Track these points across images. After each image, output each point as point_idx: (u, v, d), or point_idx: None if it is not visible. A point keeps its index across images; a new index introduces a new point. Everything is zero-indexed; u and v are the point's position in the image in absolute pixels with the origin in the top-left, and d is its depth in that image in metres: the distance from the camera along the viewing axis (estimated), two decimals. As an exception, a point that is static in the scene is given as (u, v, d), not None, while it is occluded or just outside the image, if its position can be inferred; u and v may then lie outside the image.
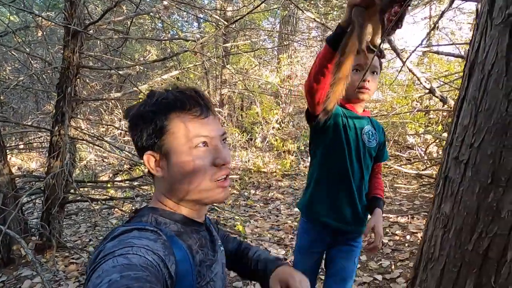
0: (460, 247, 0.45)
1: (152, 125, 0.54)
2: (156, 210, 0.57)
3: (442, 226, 0.49)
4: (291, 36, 6.49)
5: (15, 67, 5.35)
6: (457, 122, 0.50)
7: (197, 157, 0.54)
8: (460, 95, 0.50)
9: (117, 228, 0.51)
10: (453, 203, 0.47)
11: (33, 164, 5.93)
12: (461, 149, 0.47)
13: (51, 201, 2.60)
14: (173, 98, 0.55)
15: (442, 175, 0.53)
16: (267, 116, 5.53)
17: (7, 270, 2.64)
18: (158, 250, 0.46)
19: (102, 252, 0.45)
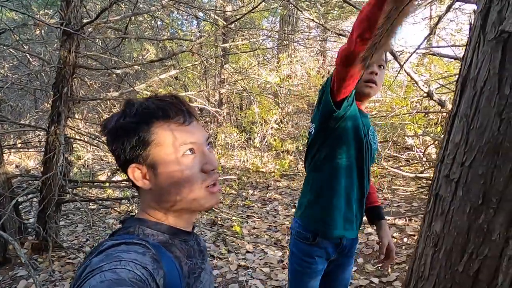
0: (450, 267, 0.44)
1: (136, 137, 0.52)
2: (144, 221, 0.56)
3: (433, 245, 0.48)
4: (290, 35, 6.47)
5: (13, 65, 5.33)
6: (448, 139, 0.48)
7: (186, 165, 0.53)
8: (452, 111, 0.49)
9: (104, 242, 0.50)
10: (443, 222, 0.46)
11: (31, 162, 5.91)
12: (452, 167, 0.46)
13: (47, 201, 2.59)
14: (155, 107, 0.54)
15: (433, 192, 0.51)
16: (266, 116, 5.51)
17: (3, 270, 2.63)
18: (146, 264, 0.45)
19: (89, 267, 0.44)
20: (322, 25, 2.62)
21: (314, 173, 1.12)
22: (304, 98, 6.80)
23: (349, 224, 1.09)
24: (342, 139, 1.03)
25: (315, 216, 1.10)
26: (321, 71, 7.55)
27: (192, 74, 5.30)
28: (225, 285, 2.28)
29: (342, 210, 1.08)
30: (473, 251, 0.42)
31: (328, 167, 1.07)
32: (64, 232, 3.43)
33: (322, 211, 1.09)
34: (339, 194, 1.06)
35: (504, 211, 0.41)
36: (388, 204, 3.49)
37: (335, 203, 1.07)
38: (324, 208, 1.08)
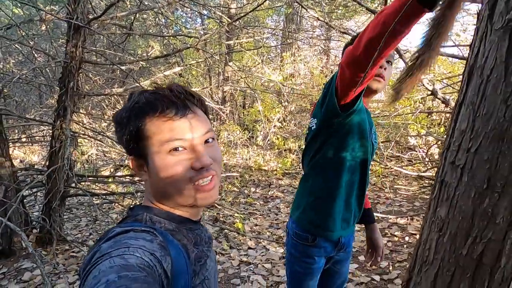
0: (454, 251, 0.46)
1: (128, 131, 0.52)
2: (151, 209, 0.56)
3: (438, 230, 0.49)
4: (294, 34, 6.46)
5: (18, 60, 5.37)
6: (454, 127, 0.49)
7: (172, 162, 0.51)
8: (459, 99, 0.50)
9: (113, 229, 0.50)
10: (448, 207, 0.47)
11: (35, 157, 5.96)
12: (458, 153, 0.47)
13: (52, 194, 2.62)
14: (144, 101, 0.52)
15: (438, 179, 0.53)
16: (268, 114, 5.52)
17: (8, 261, 2.67)
18: (154, 251, 0.46)
19: (98, 253, 0.44)
20: (327, 23, 2.63)
21: (315, 173, 1.07)
22: (307, 97, 6.80)
23: (346, 223, 1.09)
24: (347, 137, 0.99)
25: (314, 220, 1.07)
26: (324, 70, 7.55)
27: (196, 72, 5.32)
28: (227, 280, 2.30)
29: (341, 212, 1.06)
30: (477, 235, 0.43)
31: (330, 166, 1.03)
32: (68, 226, 3.46)
33: (321, 216, 1.06)
34: (340, 196, 1.03)
35: (509, 195, 0.42)
36: (390, 203, 3.49)
37: (335, 206, 1.05)
38: (324, 212, 1.06)
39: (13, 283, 2.37)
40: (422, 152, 4.40)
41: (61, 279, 2.40)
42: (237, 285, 2.23)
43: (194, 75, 5.51)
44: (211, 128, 0.56)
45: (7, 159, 2.68)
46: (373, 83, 0.99)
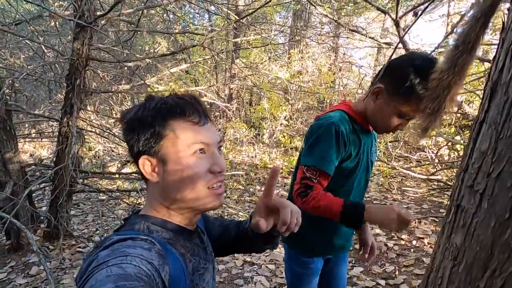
0: (470, 283, 0.42)
1: (150, 130, 0.53)
2: (148, 217, 0.56)
3: (452, 258, 0.46)
4: (303, 31, 6.38)
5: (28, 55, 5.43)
6: (473, 147, 0.45)
7: (194, 163, 0.54)
8: (479, 117, 0.46)
9: (110, 237, 0.50)
10: (465, 235, 0.44)
11: (44, 152, 6.06)
12: (477, 177, 0.43)
13: (59, 190, 2.65)
14: (173, 103, 0.55)
15: (454, 202, 0.49)
16: (275, 112, 5.48)
17: (16, 255, 2.71)
18: (152, 260, 0.46)
19: (95, 262, 0.44)
20: (335, 20, 2.57)
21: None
22: (314, 94, 6.72)
23: (342, 248, 1.15)
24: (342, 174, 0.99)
25: (312, 248, 1.10)
26: (332, 68, 7.44)
27: (203, 69, 5.30)
28: (230, 280, 2.30)
29: (341, 238, 1.10)
30: (497, 267, 0.39)
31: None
32: (75, 221, 3.51)
33: (320, 245, 1.10)
34: (336, 226, 1.02)
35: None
36: (398, 205, 3.43)
37: (334, 235, 1.08)
38: (322, 242, 1.09)
39: (21, 277, 2.41)
40: (431, 153, 4.31)
41: (67, 274, 2.43)
42: (240, 286, 2.22)
43: (200, 73, 5.49)
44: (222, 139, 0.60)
45: (15, 154, 2.71)
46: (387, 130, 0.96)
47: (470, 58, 0.47)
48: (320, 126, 0.94)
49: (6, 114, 2.55)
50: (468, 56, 0.46)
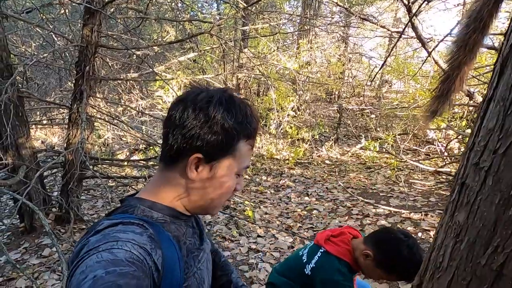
0: (472, 260, 0.42)
1: (223, 137, 0.53)
2: (144, 201, 0.55)
3: (454, 236, 0.46)
4: (312, 20, 6.26)
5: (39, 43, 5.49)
6: (481, 125, 0.45)
7: (232, 181, 0.57)
8: (488, 94, 0.45)
9: (101, 222, 0.49)
10: (468, 212, 0.44)
11: (56, 139, 6.19)
12: (483, 154, 0.43)
13: (70, 175, 2.71)
14: (253, 125, 0.56)
15: (458, 181, 0.48)
16: (282, 103, 5.44)
17: (30, 237, 2.81)
18: (144, 244, 0.45)
19: (86, 247, 0.44)
20: (346, 9, 2.51)
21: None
22: (322, 86, 6.64)
23: None
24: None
25: None
26: (342, 59, 7.32)
27: (211, 58, 5.28)
28: (235, 266, 2.34)
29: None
30: (499, 244, 0.39)
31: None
32: (86, 206, 3.60)
33: None
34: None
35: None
36: (404, 197, 3.41)
37: None
38: None
39: (34, 258, 2.50)
40: (440, 146, 4.25)
41: (78, 256, 2.52)
42: (245, 272, 2.26)
43: (208, 62, 5.47)
44: None
45: (27, 140, 2.77)
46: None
47: (482, 36, 0.45)
48: (335, 283, 1.06)
49: (19, 100, 2.60)
50: (480, 34, 0.45)
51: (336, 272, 1.06)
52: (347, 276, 1.06)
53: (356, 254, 1.11)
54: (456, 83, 0.50)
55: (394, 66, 5.62)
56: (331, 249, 1.12)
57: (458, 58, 0.48)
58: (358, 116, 6.96)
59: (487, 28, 0.45)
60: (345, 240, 1.15)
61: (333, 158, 5.22)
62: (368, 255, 1.05)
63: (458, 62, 0.48)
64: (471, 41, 0.45)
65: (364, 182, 4.01)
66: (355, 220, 2.99)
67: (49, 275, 2.28)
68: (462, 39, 0.47)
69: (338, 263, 1.09)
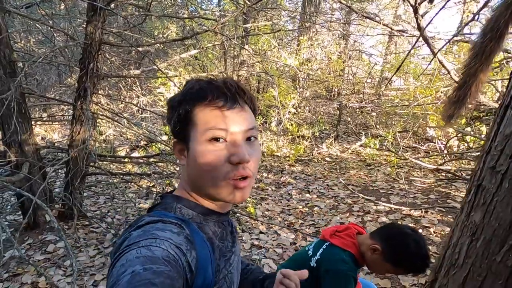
0: (487, 257, 0.45)
1: (177, 113, 0.54)
2: (181, 199, 0.57)
3: (470, 235, 0.48)
4: (313, 17, 6.25)
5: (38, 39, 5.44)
6: (497, 130, 0.47)
7: (209, 151, 0.51)
8: (504, 101, 0.47)
9: (143, 218, 0.51)
10: (484, 212, 0.46)
11: (56, 135, 6.18)
12: (500, 158, 0.45)
13: (73, 172, 2.72)
14: (198, 88, 0.53)
15: (475, 183, 0.51)
16: (283, 100, 5.46)
17: (33, 233, 2.83)
18: (181, 244, 0.46)
19: (127, 240, 0.46)
20: (349, 6, 2.52)
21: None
22: (323, 83, 6.65)
23: None
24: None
25: None
26: (342, 56, 7.33)
27: (212, 55, 5.27)
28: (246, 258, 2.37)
29: None
30: (514, 243, 0.42)
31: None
32: (87, 202, 3.62)
33: None
34: None
35: None
36: (404, 194, 3.46)
37: None
38: None
39: (38, 254, 2.52)
40: (440, 144, 4.29)
41: (82, 252, 2.54)
42: (248, 268, 2.30)
43: (210, 58, 5.46)
44: (256, 127, 0.56)
45: (30, 136, 2.78)
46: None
47: (497, 45, 0.47)
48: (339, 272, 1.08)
49: (21, 97, 2.60)
50: (495, 43, 0.47)
51: (340, 262, 1.09)
52: (351, 266, 1.09)
53: (362, 248, 1.13)
54: (472, 89, 0.52)
55: (395, 64, 5.63)
56: (336, 242, 1.15)
57: (474, 65, 0.50)
58: (358, 114, 6.99)
59: (503, 37, 0.47)
60: (350, 234, 1.18)
61: (333, 155, 5.25)
62: (376, 249, 1.07)
63: (474, 70, 0.50)
64: (488, 50, 0.47)
65: (364, 179, 4.05)
66: (356, 217, 3.03)
67: (55, 271, 2.30)
68: (479, 48, 0.49)
69: (343, 253, 1.11)
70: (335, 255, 1.11)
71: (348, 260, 1.09)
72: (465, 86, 0.53)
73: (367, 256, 1.11)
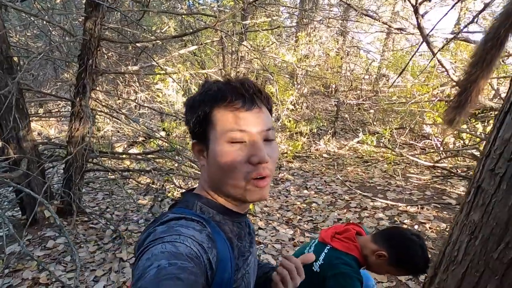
0: (485, 254, 0.47)
1: (196, 115, 0.55)
2: (201, 197, 0.58)
3: (469, 233, 0.51)
4: (311, 13, 6.24)
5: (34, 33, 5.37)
6: (497, 135, 0.49)
7: (229, 152, 0.52)
8: (504, 107, 0.49)
9: (166, 214, 0.52)
10: (483, 212, 0.49)
11: (52, 131, 6.13)
12: (499, 162, 0.47)
13: (72, 168, 2.72)
14: (216, 89, 0.54)
15: (474, 185, 0.53)
16: (282, 96, 5.47)
17: (32, 229, 2.83)
18: (203, 242, 0.47)
19: (152, 235, 0.47)
20: (348, 4, 2.53)
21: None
22: (321, 79, 6.66)
23: None
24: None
25: None
26: (340, 52, 7.33)
27: (210, 51, 5.25)
28: (238, 257, 2.40)
29: None
30: (510, 241, 0.44)
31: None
32: (86, 198, 3.62)
33: None
34: None
35: None
36: (401, 191, 3.51)
37: None
38: None
39: (38, 250, 2.53)
40: (436, 141, 4.34)
41: (82, 248, 2.55)
42: (247, 263, 2.33)
43: (208, 55, 5.44)
44: (273, 127, 0.57)
45: (29, 132, 2.77)
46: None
47: (498, 53, 0.49)
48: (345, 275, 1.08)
49: (19, 93, 2.58)
50: (496, 51, 0.48)
51: (345, 266, 1.10)
52: (356, 269, 1.10)
53: (365, 252, 1.15)
54: (473, 95, 0.54)
55: (393, 61, 5.66)
56: (338, 246, 1.16)
57: (475, 72, 0.51)
58: (355, 110, 7.02)
59: (503, 45, 0.49)
60: (350, 236, 1.19)
61: (330, 152, 5.29)
62: (382, 255, 1.09)
63: (475, 77, 0.52)
64: (489, 58, 0.49)
65: (361, 176, 4.10)
66: (353, 213, 3.07)
67: (55, 267, 2.31)
68: (480, 55, 0.50)
69: (346, 257, 1.13)
70: (339, 260, 1.12)
71: (353, 264, 1.11)
72: (466, 92, 0.55)
73: (370, 260, 1.14)
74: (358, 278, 1.07)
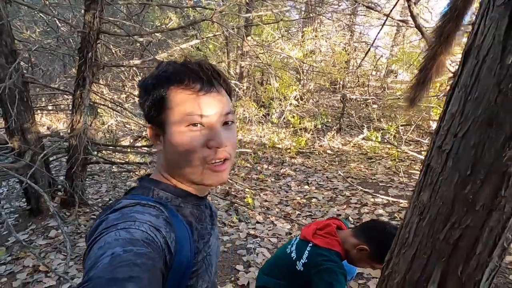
0: (432, 235, 0.45)
1: (151, 98, 0.52)
2: (158, 183, 0.56)
3: (419, 214, 0.49)
4: (318, 7, 6.15)
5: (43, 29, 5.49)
6: (445, 110, 0.47)
7: (187, 136, 0.51)
8: (453, 82, 0.47)
9: (120, 201, 0.51)
10: (431, 192, 0.47)
11: (61, 125, 6.28)
12: (446, 138, 0.45)
13: (74, 160, 2.78)
14: (172, 71, 0.52)
15: (425, 163, 0.51)
16: (285, 92, 5.43)
17: (36, 219, 2.91)
18: (160, 227, 0.46)
19: (105, 223, 0.45)
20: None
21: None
22: (326, 75, 6.58)
23: None
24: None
25: None
26: (347, 48, 7.21)
27: (214, 46, 5.25)
28: (234, 250, 2.41)
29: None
30: (456, 221, 0.42)
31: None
32: (90, 191, 3.70)
33: None
34: None
35: (491, 183, 0.40)
36: (403, 188, 3.44)
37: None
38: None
39: (41, 239, 2.60)
40: (443, 137, 4.23)
41: (82, 238, 2.61)
42: (243, 256, 2.33)
43: (211, 49, 5.44)
44: (232, 111, 0.56)
45: (33, 125, 2.83)
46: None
47: (456, 26, 0.47)
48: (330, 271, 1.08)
49: (23, 85, 2.65)
50: (454, 23, 0.46)
51: (329, 262, 1.10)
52: (339, 264, 1.10)
53: (346, 246, 1.14)
54: (433, 72, 0.52)
55: (400, 56, 5.53)
56: (320, 242, 1.15)
57: (434, 47, 0.49)
58: (362, 106, 6.92)
59: (461, 18, 0.46)
60: (331, 231, 1.18)
61: (334, 148, 5.23)
62: (364, 249, 1.09)
63: (433, 52, 0.49)
64: (446, 31, 0.47)
65: (364, 172, 4.04)
66: (353, 209, 3.03)
67: (55, 255, 2.38)
68: (437, 29, 0.48)
69: (328, 253, 1.12)
70: (323, 257, 1.11)
71: (336, 259, 1.11)
72: (425, 69, 0.52)
73: (352, 254, 1.13)
74: (342, 272, 1.06)
